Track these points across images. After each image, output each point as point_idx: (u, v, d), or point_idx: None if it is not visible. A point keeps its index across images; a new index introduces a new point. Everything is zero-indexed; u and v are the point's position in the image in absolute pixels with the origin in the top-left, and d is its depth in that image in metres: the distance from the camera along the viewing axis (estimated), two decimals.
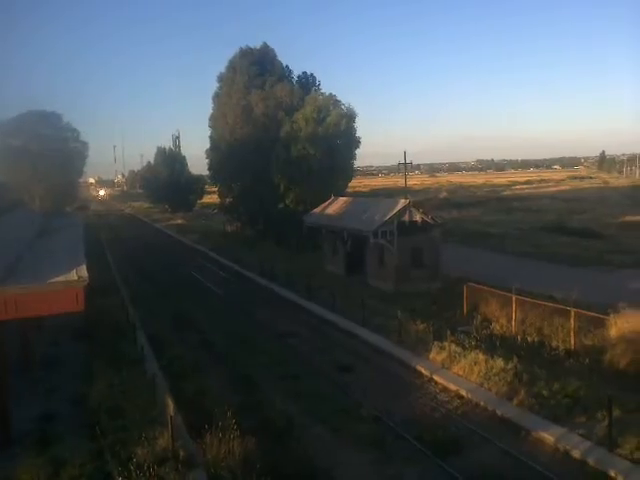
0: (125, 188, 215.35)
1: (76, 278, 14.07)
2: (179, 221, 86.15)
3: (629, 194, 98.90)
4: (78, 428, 14.64)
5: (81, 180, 74.29)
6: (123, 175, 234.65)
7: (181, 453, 12.74)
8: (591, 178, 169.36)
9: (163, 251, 55.98)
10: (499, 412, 15.73)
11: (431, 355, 20.09)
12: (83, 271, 21.34)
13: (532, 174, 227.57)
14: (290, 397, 17.59)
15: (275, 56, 56.54)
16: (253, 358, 21.64)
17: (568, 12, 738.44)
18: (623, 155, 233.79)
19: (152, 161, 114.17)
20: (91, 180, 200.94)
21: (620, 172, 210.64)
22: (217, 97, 58.94)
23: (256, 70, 54.27)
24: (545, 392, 16.17)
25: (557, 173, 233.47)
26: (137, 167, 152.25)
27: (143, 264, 46.86)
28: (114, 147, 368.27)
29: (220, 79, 58.43)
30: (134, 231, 79.17)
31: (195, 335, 25.46)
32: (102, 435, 13.53)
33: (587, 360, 18.67)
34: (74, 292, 22.18)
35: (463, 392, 17.25)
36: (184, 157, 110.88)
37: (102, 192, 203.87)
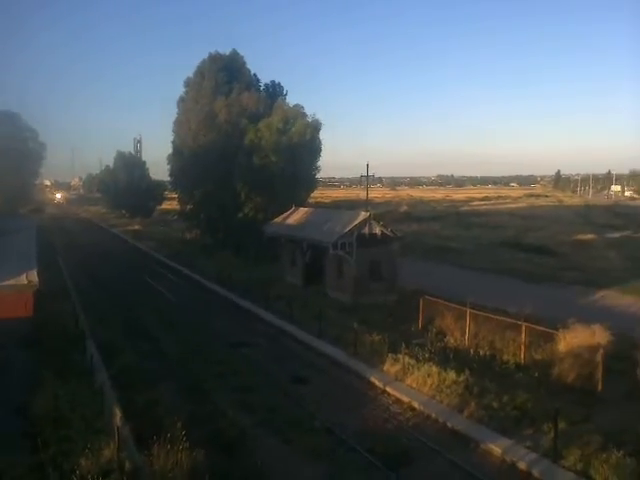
0: (82, 192, 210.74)
1: (26, 282, 13.73)
2: (137, 227, 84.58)
3: (582, 213, 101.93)
4: (20, 439, 14.15)
5: (37, 182, 72.42)
6: (80, 178, 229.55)
7: (127, 464, 12.43)
8: (547, 196, 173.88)
9: (118, 257, 54.91)
10: (450, 424, 15.92)
11: (385, 367, 20.22)
12: (33, 276, 20.80)
13: (490, 191, 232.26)
14: (243, 408, 17.41)
15: (244, 63, 56.38)
16: (206, 368, 21.36)
17: (526, 35, 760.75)
18: (577, 175, 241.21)
19: (111, 165, 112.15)
20: (47, 182, 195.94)
21: (574, 191, 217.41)
22: (182, 102, 58.33)
23: (224, 77, 53.98)
24: (495, 404, 16.48)
25: (514, 191, 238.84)
26: (96, 171, 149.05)
27: (97, 270, 45.83)
28: (72, 149, 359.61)
29: (187, 84, 57.86)
30: (89, 236, 77.44)
31: (147, 344, 24.98)
32: (45, 446, 13.10)
33: (536, 373, 19.13)
34: (23, 297, 21.61)
35: (415, 404, 17.40)
36: (144, 162, 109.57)
37: (59, 195, 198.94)
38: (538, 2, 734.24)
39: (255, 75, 56.65)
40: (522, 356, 20.49)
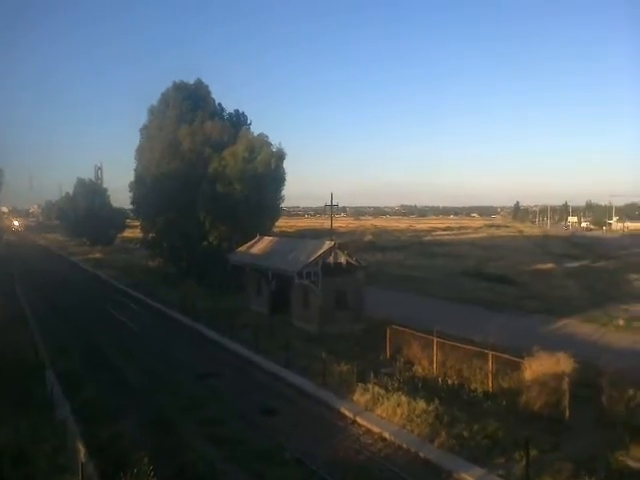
0: (41, 219, 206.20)
1: None
2: (97, 255, 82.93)
3: (540, 243, 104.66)
4: None
5: None
6: (39, 205, 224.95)
7: None
8: (507, 227, 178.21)
9: (78, 286, 53.61)
10: (421, 454, 15.81)
11: (355, 397, 20.05)
12: None
13: (452, 221, 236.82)
14: (211, 442, 16.97)
15: (209, 92, 56.58)
16: (172, 400, 20.83)
17: (483, 72, 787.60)
18: (535, 206, 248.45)
19: (71, 192, 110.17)
20: (4, 209, 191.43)
21: (533, 222, 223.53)
22: (146, 129, 57.97)
23: (188, 105, 53.98)
24: (465, 433, 16.45)
25: (475, 221, 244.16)
26: (55, 197, 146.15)
27: (56, 299, 44.57)
28: (30, 176, 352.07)
29: (151, 112, 57.62)
30: (48, 265, 75.54)
31: (110, 375, 24.24)
32: None
33: (504, 402, 19.18)
34: None
35: (386, 434, 17.25)
36: (106, 189, 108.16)
37: (16, 222, 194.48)
38: (495, 38, 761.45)
39: (220, 104, 56.92)
40: (490, 384, 20.60)
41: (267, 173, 46.88)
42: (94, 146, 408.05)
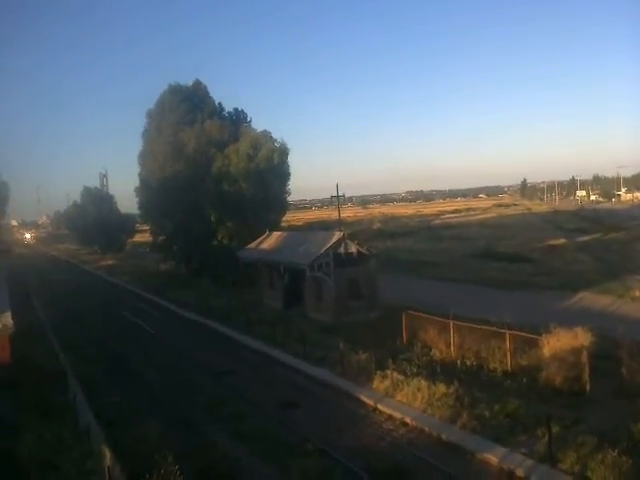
0: (50, 230, 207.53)
1: (0, 327, 13.23)
2: (110, 262, 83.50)
3: (550, 219, 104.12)
4: None
5: (2, 222, 71.12)
6: (48, 216, 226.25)
7: None
8: (515, 205, 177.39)
9: (94, 294, 53.86)
10: (444, 436, 15.84)
11: (374, 384, 20.11)
12: (7, 318, 20.24)
13: (460, 203, 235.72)
14: (234, 438, 17.06)
15: (207, 93, 56.74)
16: (193, 399, 21.01)
17: (490, 51, 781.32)
18: (543, 183, 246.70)
19: (79, 201, 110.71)
20: (14, 222, 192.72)
21: (541, 199, 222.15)
22: (146, 134, 58.27)
23: (187, 107, 54.13)
24: (487, 413, 16.46)
25: (483, 201, 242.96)
26: (63, 207, 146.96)
27: (73, 308, 44.82)
28: (37, 187, 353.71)
29: (149, 115, 57.88)
30: (61, 274, 76.05)
31: (130, 379, 24.47)
32: None
33: (524, 380, 19.18)
34: None
35: (408, 419, 17.29)
36: (112, 196, 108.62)
37: (27, 235, 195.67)
38: (498, 24, 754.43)
39: (220, 104, 57.13)
40: (508, 363, 20.58)
41: (271, 169, 46.94)
42: (98, 154, 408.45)
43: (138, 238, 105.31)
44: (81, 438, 15.61)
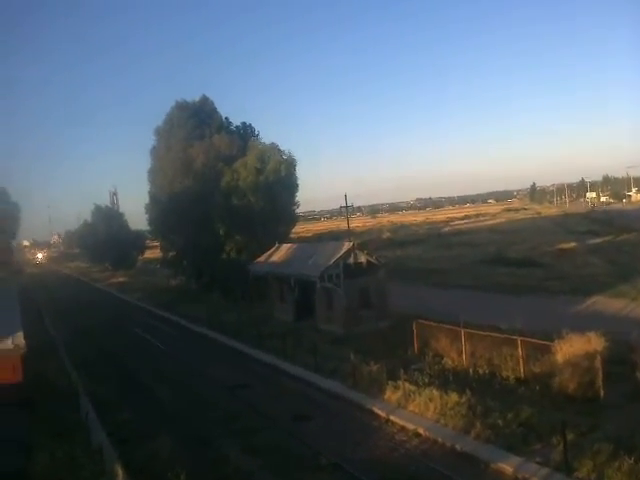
0: (62, 249, 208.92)
1: (12, 347, 13.29)
2: (121, 279, 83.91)
3: (561, 222, 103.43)
4: None
5: (14, 242, 71.85)
6: (59, 235, 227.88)
7: None
8: (525, 209, 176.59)
9: (105, 310, 54.08)
10: (457, 447, 15.70)
11: (386, 395, 19.99)
12: (20, 339, 20.34)
13: (469, 209, 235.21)
14: (246, 452, 17.02)
15: (214, 108, 57.17)
16: (205, 414, 20.99)
17: (494, 55, 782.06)
18: (552, 185, 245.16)
19: (89, 219, 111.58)
20: (25, 243, 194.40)
21: (551, 202, 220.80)
22: (155, 151, 58.72)
23: (195, 122, 54.55)
24: (500, 422, 16.28)
25: (492, 207, 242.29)
26: (74, 226, 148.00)
27: (83, 325, 45.00)
28: (48, 206, 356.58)
29: (157, 133, 58.35)
30: (73, 292, 76.49)
31: (142, 395, 24.51)
32: None
33: (537, 387, 19.01)
34: (10, 361, 21.08)
35: (421, 430, 17.16)
36: (122, 213, 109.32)
37: (40, 255, 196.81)
38: (500, 25, 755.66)
39: (227, 118, 57.50)
40: (521, 370, 20.39)
41: (279, 181, 47.09)
42: (107, 173, 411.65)
43: (149, 254, 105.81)
44: (93, 456, 15.61)
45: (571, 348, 19.20)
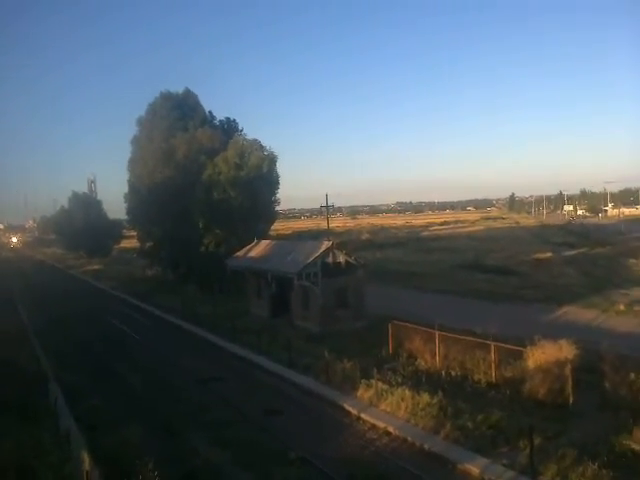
0: (37, 234, 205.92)
1: None
2: (96, 267, 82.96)
3: (538, 233, 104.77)
4: None
5: None
6: (34, 220, 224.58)
7: None
8: (503, 218, 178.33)
9: (78, 298, 53.40)
10: (426, 446, 15.82)
11: (359, 393, 20.07)
12: None
13: (448, 215, 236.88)
14: (216, 445, 16.93)
15: (197, 101, 56.78)
16: (177, 405, 20.83)
17: (479, 67, 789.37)
18: (531, 196, 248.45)
19: (66, 206, 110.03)
20: (0, 226, 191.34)
21: (529, 212, 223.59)
22: (136, 140, 58.10)
23: (178, 114, 54.16)
24: (470, 424, 16.46)
25: (471, 214, 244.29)
26: (50, 212, 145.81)
27: (57, 312, 44.39)
28: (25, 192, 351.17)
29: (140, 122, 57.76)
30: (47, 279, 75.43)
31: (114, 384, 24.23)
32: None
33: (508, 391, 19.22)
34: None
35: (391, 429, 17.26)
36: (100, 201, 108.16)
37: (14, 239, 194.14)
38: (489, 40, 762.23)
39: (210, 112, 57.20)
40: (493, 375, 20.62)
41: (260, 177, 46.93)
42: (86, 160, 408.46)
43: (125, 244, 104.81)
44: (60, 442, 15.43)
45: (542, 355, 19.45)
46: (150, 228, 55.33)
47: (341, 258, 32.60)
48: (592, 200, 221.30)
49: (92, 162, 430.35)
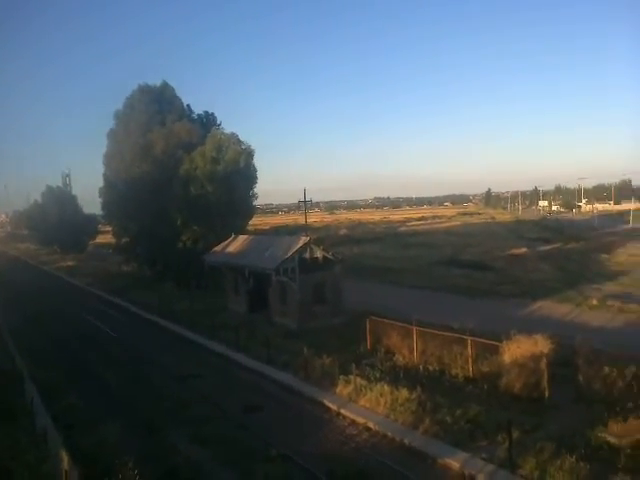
0: (9, 229, 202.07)
1: None
2: (70, 263, 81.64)
3: (514, 228, 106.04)
4: None
5: None
6: (7, 215, 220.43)
7: None
8: (479, 214, 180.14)
9: (52, 295, 52.62)
10: (406, 441, 15.95)
11: (338, 389, 20.15)
12: None
13: (426, 211, 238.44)
14: (196, 442, 16.86)
15: (175, 94, 56.14)
16: (155, 403, 20.67)
17: (458, 60, 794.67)
18: (507, 192, 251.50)
19: (40, 200, 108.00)
20: None
21: (505, 208, 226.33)
22: (113, 134, 57.19)
23: (156, 108, 53.48)
24: (448, 419, 16.65)
25: (448, 209, 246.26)
26: (23, 207, 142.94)
27: (31, 309, 43.71)
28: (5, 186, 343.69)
29: (117, 116, 56.85)
30: (20, 275, 74.13)
31: (91, 382, 23.97)
32: None
33: (485, 386, 19.50)
34: None
35: (371, 424, 17.36)
36: (75, 196, 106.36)
37: None
38: (473, 32, 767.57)
39: (188, 106, 56.65)
40: (470, 369, 20.87)
41: (237, 171, 46.65)
42: (60, 153, 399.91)
43: (100, 239, 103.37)
44: (37, 442, 15.23)
45: (518, 349, 19.72)
46: (126, 224, 54.60)
47: (318, 253, 32.65)
48: (566, 196, 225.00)
49: (67, 156, 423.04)
